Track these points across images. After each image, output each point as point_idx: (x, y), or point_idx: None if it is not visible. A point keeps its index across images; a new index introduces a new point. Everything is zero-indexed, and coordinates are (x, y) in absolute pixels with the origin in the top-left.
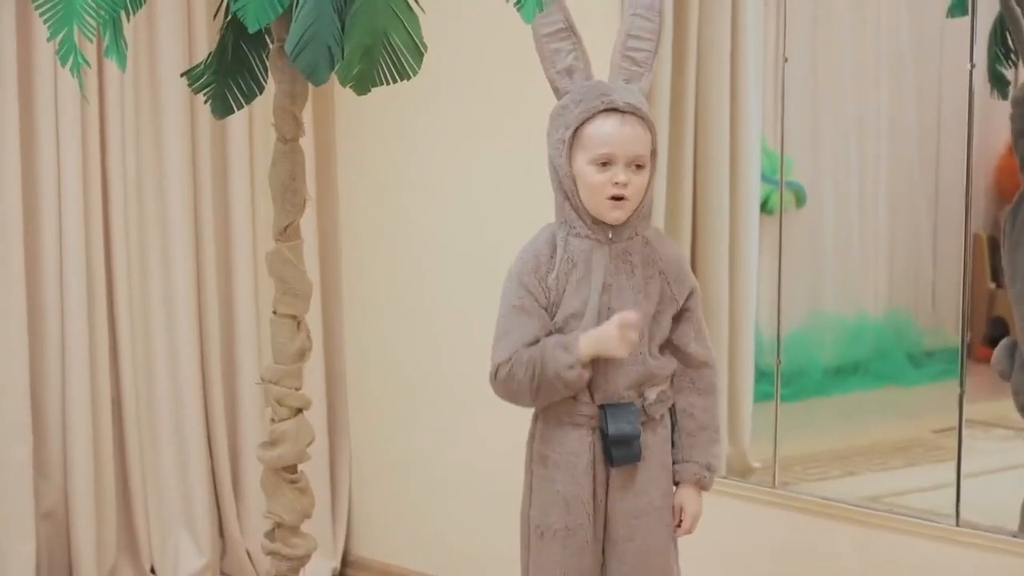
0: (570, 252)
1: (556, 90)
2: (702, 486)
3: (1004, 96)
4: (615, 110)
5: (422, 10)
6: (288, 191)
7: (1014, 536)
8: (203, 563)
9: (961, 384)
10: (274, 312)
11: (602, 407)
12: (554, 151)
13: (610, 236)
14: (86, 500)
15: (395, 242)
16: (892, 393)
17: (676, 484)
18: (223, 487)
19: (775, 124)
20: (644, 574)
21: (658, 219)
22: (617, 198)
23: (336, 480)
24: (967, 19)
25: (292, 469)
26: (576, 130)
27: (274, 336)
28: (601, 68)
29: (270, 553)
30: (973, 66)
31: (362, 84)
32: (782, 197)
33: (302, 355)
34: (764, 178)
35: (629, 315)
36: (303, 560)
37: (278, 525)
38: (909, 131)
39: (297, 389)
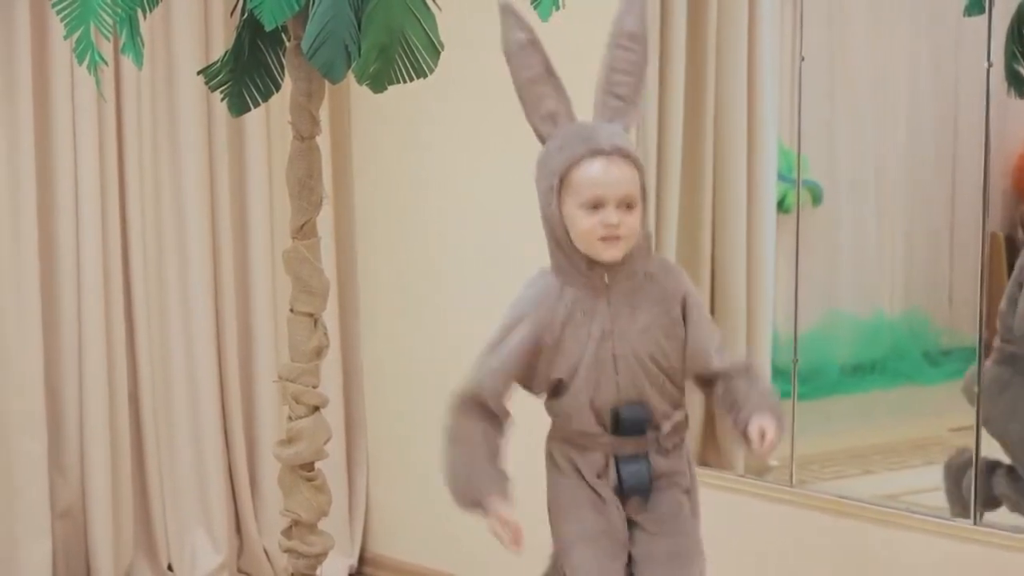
0: (566, 301)
1: (539, 136)
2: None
3: (1021, 95)
4: (600, 152)
5: (439, 8)
6: (305, 189)
7: None
8: (220, 560)
9: (978, 383)
10: (291, 310)
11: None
12: (543, 200)
13: (606, 281)
14: (103, 498)
15: (411, 240)
16: (909, 392)
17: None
18: (240, 485)
19: (792, 123)
20: (674, 545)
21: (672, 219)
22: (610, 238)
23: (353, 478)
24: (984, 17)
25: (309, 467)
26: (563, 177)
27: (291, 334)
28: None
29: (287, 551)
30: (990, 65)
31: (378, 82)
32: (799, 196)
33: (319, 353)
34: (781, 177)
35: (506, 520)
36: (320, 558)
37: (295, 523)
38: (926, 130)
39: (314, 387)
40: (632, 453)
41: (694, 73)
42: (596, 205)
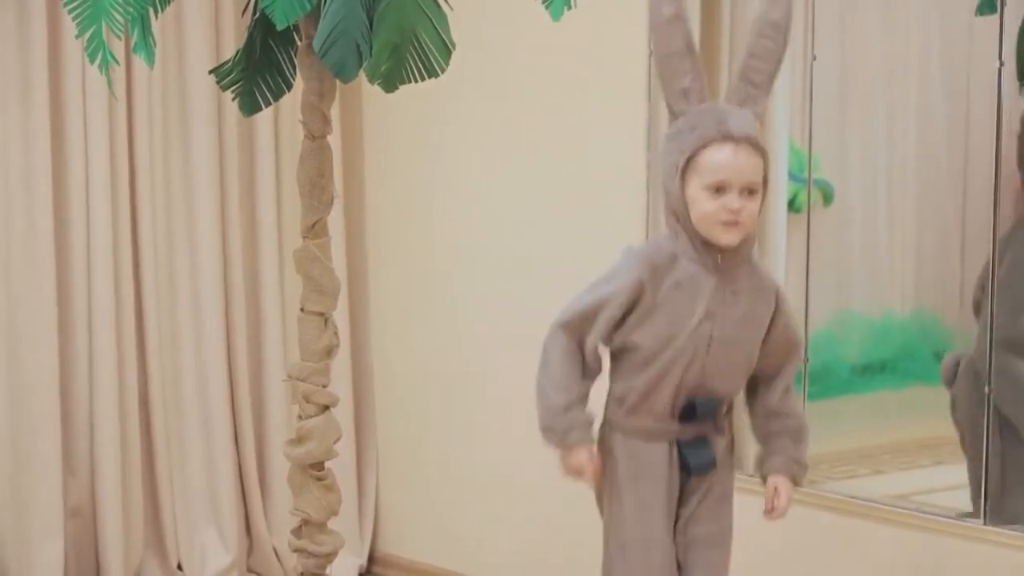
0: (677, 274)
1: (671, 111)
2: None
3: None
4: (731, 138)
5: (450, 8)
6: (315, 188)
7: None
8: (230, 560)
9: (989, 382)
10: (301, 309)
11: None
12: (667, 175)
13: (719, 262)
14: (114, 497)
15: (422, 239)
16: (919, 392)
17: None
18: (250, 484)
19: (803, 122)
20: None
21: None
22: (730, 223)
23: (363, 477)
24: (996, 17)
25: (319, 466)
26: (691, 156)
27: (301, 333)
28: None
29: (297, 550)
30: (1002, 64)
31: (390, 82)
32: (810, 195)
33: (329, 352)
34: (792, 176)
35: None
36: (330, 557)
37: (305, 522)
38: (937, 129)
39: (324, 386)
40: (694, 435)
41: (706, 71)
42: (720, 189)
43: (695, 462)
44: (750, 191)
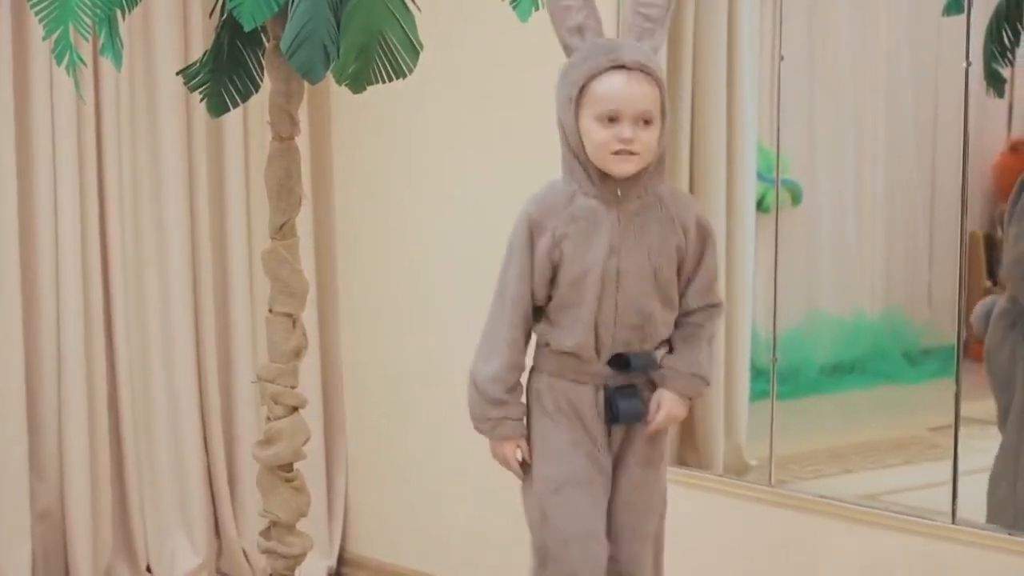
0: (574, 209)
1: (566, 48)
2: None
3: (1000, 94)
4: (622, 67)
5: (418, 8)
6: (284, 189)
7: (1010, 534)
8: (199, 562)
9: (957, 382)
10: (270, 310)
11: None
12: (561, 108)
13: (619, 195)
14: (82, 500)
15: (391, 240)
16: (888, 391)
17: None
18: (219, 486)
19: (771, 122)
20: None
21: None
22: (623, 153)
23: (332, 478)
24: (963, 17)
25: (288, 467)
26: (583, 88)
27: (270, 334)
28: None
29: (266, 552)
30: (969, 64)
31: (358, 82)
32: (778, 195)
33: (298, 353)
34: (760, 176)
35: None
36: (299, 558)
37: (274, 524)
38: (905, 129)
39: (293, 387)
40: (623, 384)
41: (673, 72)
42: (612, 119)
43: (623, 409)
44: (645, 121)
